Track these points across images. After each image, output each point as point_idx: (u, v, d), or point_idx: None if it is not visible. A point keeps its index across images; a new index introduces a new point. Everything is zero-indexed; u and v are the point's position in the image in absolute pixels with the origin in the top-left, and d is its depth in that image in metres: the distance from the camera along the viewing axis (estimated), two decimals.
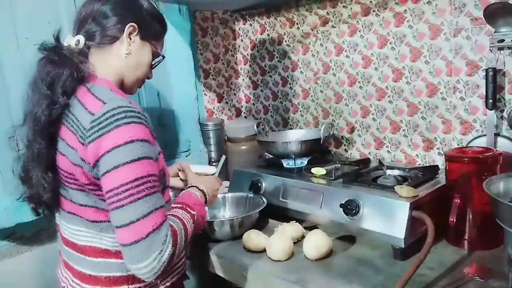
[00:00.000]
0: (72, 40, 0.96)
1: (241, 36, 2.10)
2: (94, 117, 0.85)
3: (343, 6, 1.66)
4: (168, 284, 1.00)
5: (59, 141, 0.92)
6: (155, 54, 1.05)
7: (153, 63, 1.06)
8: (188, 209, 0.97)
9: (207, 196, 1.09)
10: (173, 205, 0.98)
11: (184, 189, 1.13)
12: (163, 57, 1.08)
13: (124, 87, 1.03)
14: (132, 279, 0.93)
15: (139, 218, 0.81)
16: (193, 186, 1.10)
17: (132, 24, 0.97)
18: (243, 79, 2.15)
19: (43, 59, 0.93)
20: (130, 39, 0.98)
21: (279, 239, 1.18)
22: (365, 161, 1.56)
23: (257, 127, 1.73)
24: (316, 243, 1.15)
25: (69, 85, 0.90)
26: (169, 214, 0.92)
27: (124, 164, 0.82)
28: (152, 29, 1.03)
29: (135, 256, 0.82)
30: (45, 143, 0.92)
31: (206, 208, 1.08)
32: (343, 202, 1.19)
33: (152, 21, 1.02)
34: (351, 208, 1.17)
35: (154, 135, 0.91)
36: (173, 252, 0.84)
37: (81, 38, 0.96)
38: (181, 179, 1.25)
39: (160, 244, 0.82)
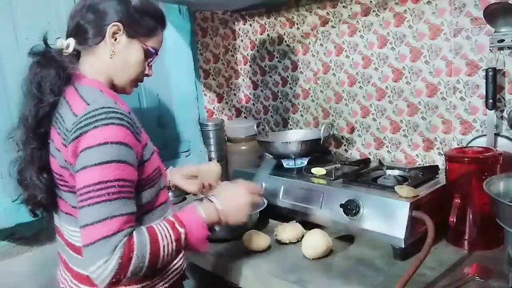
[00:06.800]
0: (63, 43, 0.95)
1: (241, 36, 2.10)
2: (77, 118, 0.84)
3: (343, 6, 1.66)
4: (167, 285, 0.99)
5: (50, 143, 0.92)
6: (147, 52, 0.99)
7: (149, 60, 1.02)
8: (176, 225, 0.89)
9: (220, 213, 0.96)
10: (168, 217, 0.93)
11: (195, 194, 1.17)
12: (156, 54, 1.02)
13: (116, 88, 1.01)
14: (129, 280, 0.92)
15: (93, 222, 0.80)
16: (208, 198, 0.99)
17: (115, 23, 0.93)
18: (243, 79, 2.15)
19: (33, 64, 0.93)
20: (115, 39, 0.95)
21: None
22: (365, 161, 1.56)
23: (257, 127, 1.73)
24: (313, 243, 1.15)
25: (55, 84, 0.90)
26: (148, 226, 0.88)
27: (92, 165, 0.81)
28: (142, 26, 0.97)
29: (86, 258, 0.81)
30: (36, 144, 0.92)
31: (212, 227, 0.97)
32: (343, 202, 1.19)
33: (141, 17, 0.97)
34: (351, 208, 1.17)
35: (138, 138, 0.88)
36: (123, 265, 0.80)
37: (71, 41, 0.95)
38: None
39: (106, 253, 0.79)
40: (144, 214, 0.94)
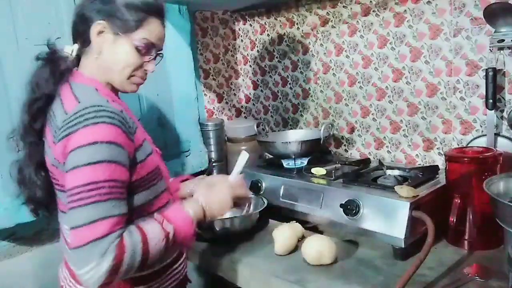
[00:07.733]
0: (69, 49, 0.96)
1: (241, 36, 2.10)
2: (67, 116, 0.84)
3: (343, 6, 1.66)
4: None
5: (44, 141, 0.93)
6: (138, 46, 0.94)
7: (146, 53, 0.96)
8: (164, 224, 0.88)
9: (205, 211, 0.97)
10: (155, 216, 0.91)
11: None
12: (152, 45, 0.96)
13: (115, 88, 1.00)
14: (125, 282, 0.92)
15: (83, 224, 0.78)
16: (192, 197, 1.02)
17: (99, 22, 0.91)
18: (243, 79, 2.15)
19: (36, 69, 0.94)
20: (101, 38, 0.92)
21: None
22: (365, 161, 1.56)
23: (257, 127, 1.73)
24: (317, 252, 1.12)
25: (49, 78, 0.91)
26: (137, 225, 0.86)
27: (82, 165, 0.80)
28: (128, 21, 0.92)
29: (75, 260, 0.80)
30: (33, 141, 0.93)
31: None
32: (343, 202, 1.19)
33: (127, 12, 0.92)
34: (351, 208, 1.17)
35: (131, 138, 0.87)
36: (115, 268, 0.79)
37: (75, 47, 0.96)
38: None
39: (97, 256, 0.77)
40: (137, 217, 0.92)
